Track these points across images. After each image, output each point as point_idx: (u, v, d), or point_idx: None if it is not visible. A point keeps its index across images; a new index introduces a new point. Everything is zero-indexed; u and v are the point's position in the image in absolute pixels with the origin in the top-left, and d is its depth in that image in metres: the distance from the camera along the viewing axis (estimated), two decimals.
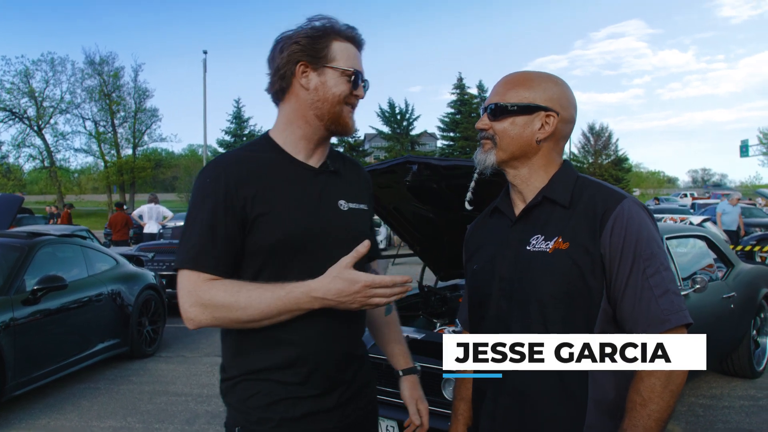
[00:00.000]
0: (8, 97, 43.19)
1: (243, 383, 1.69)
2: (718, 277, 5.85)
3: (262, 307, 1.57)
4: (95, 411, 5.51)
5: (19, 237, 6.53)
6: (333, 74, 1.74)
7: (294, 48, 1.72)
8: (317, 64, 1.73)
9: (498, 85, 1.68)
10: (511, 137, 1.62)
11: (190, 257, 1.62)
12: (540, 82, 1.64)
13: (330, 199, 1.79)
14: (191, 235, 1.64)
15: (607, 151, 56.71)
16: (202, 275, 1.60)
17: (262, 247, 1.66)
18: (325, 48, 1.74)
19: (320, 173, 1.80)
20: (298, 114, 1.77)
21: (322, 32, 1.74)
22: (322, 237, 1.73)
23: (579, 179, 1.64)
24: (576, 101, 1.69)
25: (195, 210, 1.66)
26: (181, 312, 1.62)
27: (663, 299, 1.47)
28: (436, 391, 3.60)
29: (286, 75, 1.75)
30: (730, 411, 5.37)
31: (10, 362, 5.20)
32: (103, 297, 6.70)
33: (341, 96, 1.76)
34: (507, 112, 1.62)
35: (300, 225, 1.69)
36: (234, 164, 1.69)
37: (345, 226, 1.80)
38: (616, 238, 1.49)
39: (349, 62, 1.76)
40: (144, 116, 48.65)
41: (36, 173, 50.53)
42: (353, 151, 50.56)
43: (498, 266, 1.66)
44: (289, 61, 1.73)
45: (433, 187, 4.36)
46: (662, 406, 1.43)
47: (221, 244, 1.62)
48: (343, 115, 1.78)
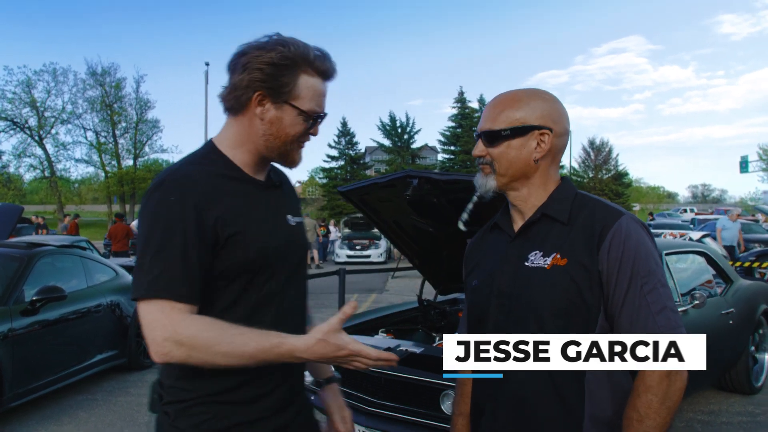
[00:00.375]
0: (10, 107, 43.30)
1: (198, 407, 1.59)
2: (717, 293, 5.84)
3: (244, 356, 1.47)
4: (93, 422, 5.49)
5: (18, 247, 6.53)
6: (292, 113, 1.64)
7: (256, 75, 1.59)
8: (278, 99, 1.62)
9: (487, 109, 1.68)
10: (509, 161, 1.63)
11: (161, 286, 1.48)
12: (528, 100, 1.63)
13: (280, 214, 1.75)
14: (160, 261, 1.49)
15: (608, 166, 56.79)
16: (177, 305, 1.48)
17: (231, 269, 1.58)
18: (291, 83, 1.62)
19: (267, 188, 1.74)
20: (248, 138, 1.67)
21: (291, 62, 1.61)
22: (283, 254, 1.69)
23: (578, 196, 1.65)
24: (566, 112, 1.68)
25: (161, 233, 1.51)
26: (150, 344, 1.48)
27: (660, 316, 1.47)
28: (434, 406, 3.59)
29: (242, 99, 1.63)
30: (728, 427, 5.36)
31: (8, 373, 5.17)
32: (101, 308, 6.69)
33: (295, 136, 1.67)
34: (501, 137, 1.62)
35: (267, 243, 1.64)
36: (197, 182, 1.57)
37: (297, 242, 1.78)
38: (614, 254, 1.50)
39: (312, 102, 1.65)
40: (145, 127, 48.71)
41: (36, 183, 50.59)
42: (354, 164, 50.63)
43: (497, 282, 1.66)
44: (248, 87, 1.61)
45: (433, 201, 4.37)
46: (659, 422, 1.43)
47: (195, 270, 1.51)
48: (291, 153, 1.71)
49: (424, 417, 3.62)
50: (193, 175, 1.59)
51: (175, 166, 1.65)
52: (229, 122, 1.70)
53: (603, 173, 56.43)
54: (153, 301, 1.49)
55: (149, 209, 1.55)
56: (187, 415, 1.60)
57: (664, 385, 1.44)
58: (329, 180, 50.73)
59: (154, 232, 1.52)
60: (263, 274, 1.64)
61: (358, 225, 25.18)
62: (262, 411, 1.65)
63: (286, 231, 1.74)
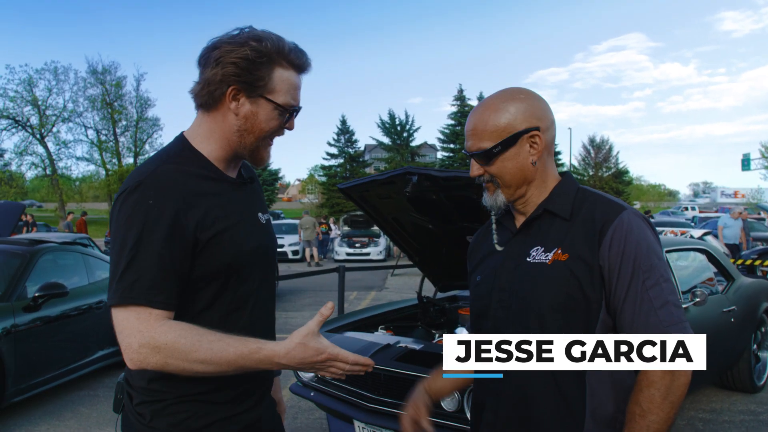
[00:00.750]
0: (11, 105, 43.29)
1: (176, 405, 1.56)
2: (719, 290, 5.83)
3: (222, 363, 1.45)
4: (94, 418, 5.52)
5: (20, 244, 6.56)
6: (267, 107, 1.61)
7: (230, 69, 1.56)
8: (253, 93, 1.59)
9: (470, 127, 1.65)
10: (510, 174, 1.62)
11: (137, 292, 1.44)
12: (507, 106, 1.60)
13: (253, 212, 1.73)
14: (136, 267, 1.45)
15: (608, 163, 56.73)
16: (154, 312, 1.44)
17: (209, 272, 1.55)
18: (266, 77, 1.59)
19: (239, 185, 1.71)
20: (221, 134, 1.63)
21: (266, 57, 1.58)
22: (257, 255, 1.67)
23: (579, 191, 1.65)
24: (545, 101, 1.66)
25: (137, 237, 1.46)
26: (125, 351, 1.44)
27: (662, 311, 1.46)
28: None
29: (215, 94, 1.59)
30: (730, 426, 5.35)
31: (10, 369, 5.21)
32: (103, 305, 6.69)
33: (269, 132, 1.65)
34: (493, 154, 1.60)
35: (244, 245, 1.62)
36: (176, 183, 1.53)
37: (269, 240, 1.77)
38: (615, 249, 1.50)
39: (288, 96, 1.63)
40: (146, 125, 48.71)
41: (38, 181, 50.53)
42: (353, 162, 50.60)
43: (498, 278, 1.67)
44: (222, 81, 1.57)
45: (432, 198, 4.37)
46: (662, 417, 1.43)
47: (171, 276, 1.47)
48: (260, 151, 1.68)
49: None
50: (170, 175, 1.54)
51: (150, 166, 1.57)
52: (202, 117, 1.66)
53: (603, 171, 56.36)
54: (129, 307, 1.44)
55: (125, 212, 1.49)
56: (165, 415, 1.56)
57: (667, 380, 1.43)
58: (329, 178, 50.70)
59: (129, 236, 1.46)
60: (239, 276, 1.61)
61: (357, 223, 25.15)
62: (241, 407, 1.64)
63: (259, 231, 1.72)
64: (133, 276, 1.44)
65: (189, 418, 1.56)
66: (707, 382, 5.91)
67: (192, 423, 1.57)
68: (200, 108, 1.65)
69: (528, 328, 1.56)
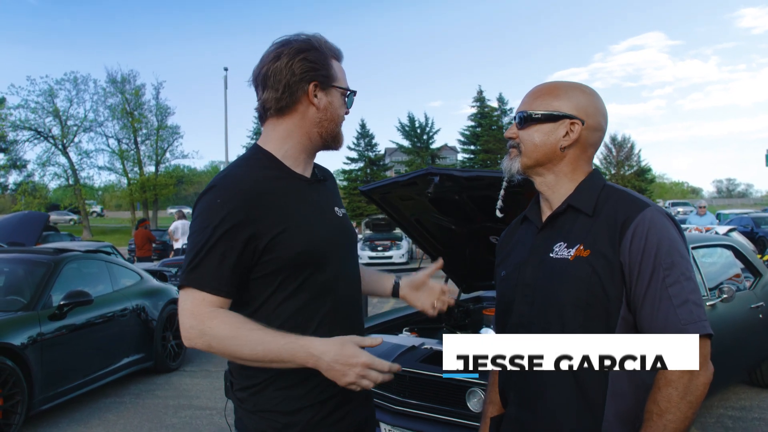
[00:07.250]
0: (33, 117, 43.84)
1: (267, 390, 1.70)
2: (746, 286, 5.75)
3: (258, 350, 1.57)
4: (121, 425, 5.55)
5: (45, 253, 6.62)
6: (337, 94, 1.79)
7: (305, 66, 1.72)
8: (326, 84, 1.76)
9: (527, 95, 1.70)
10: (535, 144, 1.64)
11: (195, 277, 1.62)
12: (567, 91, 1.65)
13: (328, 207, 1.85)
14: (199, 257, 1.62)
15: (630, 162, 56.19)
16: (207, 296, 1.61)
17: (280, 265, 1.66)
18: (330, 68, 1.77)
19: (313, 183, 1.83)
20: (302, 131, 1.78)
21: (323, 52, 1.76)
22: (335, 245, 1.78)
23: (605, 188, 1.64)
24: (606, 111, 1.69)
25: (204, 232, 1.63)
26: (181, 328, 1.63)
27: (682, 309, 1.44)
28: (461, 404, 3.57)
29: (297, 93, 1.74)
30: (760, 423, 5.28)
31: (37, 377, 5.25)
32: (127, 312, 6.76)
33: (343, 116, 1.83)
34: (532, 120, 1.64)
35: (317, 236, 1.72)
36: (243, 186, 1.67)
37: (347, 232, 1.87)
38: (636, 246, 1.48)
39: (345, 81, 1.82)
40: (166, 133, 48.98)
41: (61, 191, 51.12)
42: (374, 165, 50.63)
43: (522, 273, 1.67)
44: (302, 79, 1.73)
45: (455, 198, 4.35)
46: (679, 417, 1.41)
47: (228, 268, 1.62)
48: (340, 134, 1.84)
49: (450, 415, 3.60)
50: (239, 178, 1.69)
51: (225, 171, 1.77)
52: (276, 123, 1.79)
53: (625, 169, 55.82)
54: (186, 289, 1.62)
55: (198, 210, 1.68)
56: (260, 397, 1.70)
57: (685, 379, 1.41)
58: (349, 182, 50.77)
59: (198, 231, 1.64)
60: (317, 265, 1.71)
61: (379, 226, 25.14)
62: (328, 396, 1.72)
63: (335, 221, 1.83)
64: (195, 264, 1.62)
65: (282, 401, 1.69)
66: (736, 378, 5.83)
67: (285, 406, 1.69)
68: (275, 114, 1.78)
69: (549, 324, 1.56)
